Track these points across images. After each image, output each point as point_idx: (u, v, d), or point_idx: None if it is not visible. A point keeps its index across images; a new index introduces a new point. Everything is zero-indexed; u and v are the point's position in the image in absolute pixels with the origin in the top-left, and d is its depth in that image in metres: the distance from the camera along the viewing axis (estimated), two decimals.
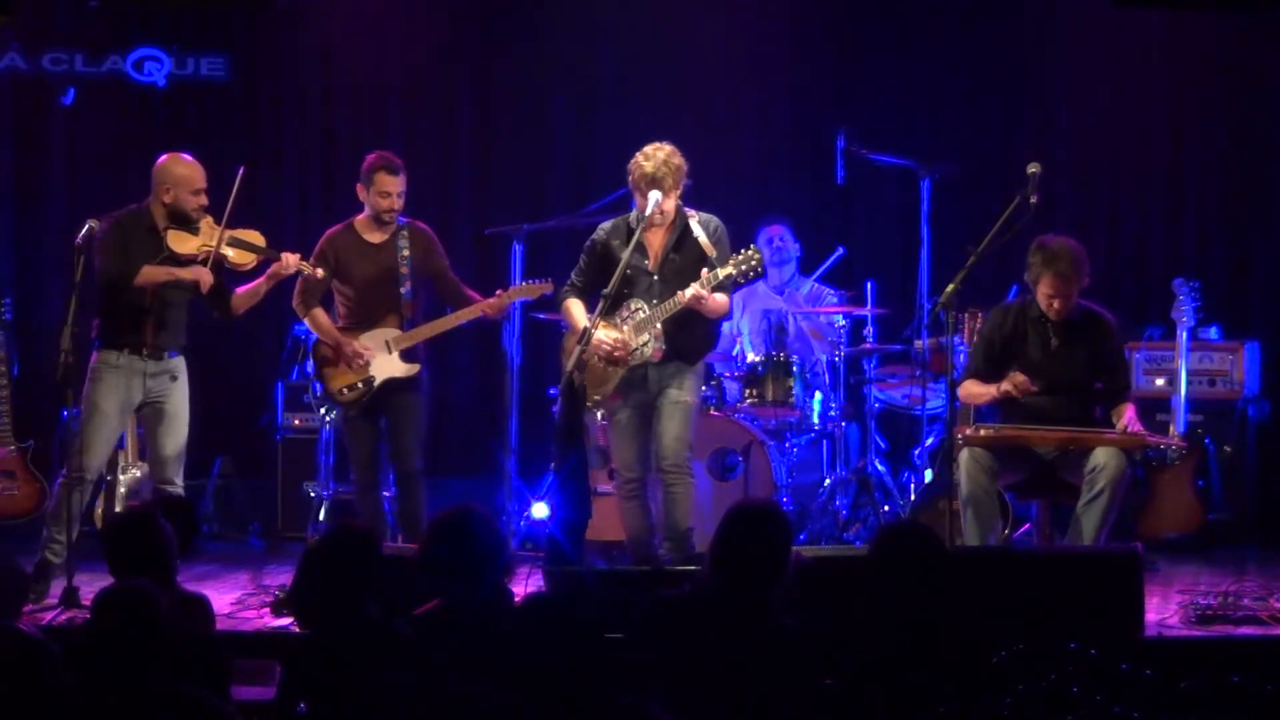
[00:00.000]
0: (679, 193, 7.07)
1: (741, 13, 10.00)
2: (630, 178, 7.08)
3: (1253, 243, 9.59)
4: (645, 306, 7.08)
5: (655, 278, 7.09)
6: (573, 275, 7.29)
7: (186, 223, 7.29)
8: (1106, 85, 9.72)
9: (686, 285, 6.97)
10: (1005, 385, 7.11)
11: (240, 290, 7.44)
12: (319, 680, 4.75)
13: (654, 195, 6.98)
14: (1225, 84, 9.63)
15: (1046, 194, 7.40)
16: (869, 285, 8.82)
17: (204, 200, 7.31)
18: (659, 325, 7.03)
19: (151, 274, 7.24)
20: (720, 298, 7.05)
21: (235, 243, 7.32)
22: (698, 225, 7.10)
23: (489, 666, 4.35)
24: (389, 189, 7.62)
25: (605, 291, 7.00)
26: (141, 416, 7.47)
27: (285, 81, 10.23)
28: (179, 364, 7.41)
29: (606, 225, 7.25)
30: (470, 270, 9.71)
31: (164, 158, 7.41)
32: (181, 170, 7.32)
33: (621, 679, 4.10)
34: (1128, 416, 7.06)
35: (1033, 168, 7.12)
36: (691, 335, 7.14)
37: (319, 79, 10.24)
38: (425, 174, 9.95)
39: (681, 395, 7.10)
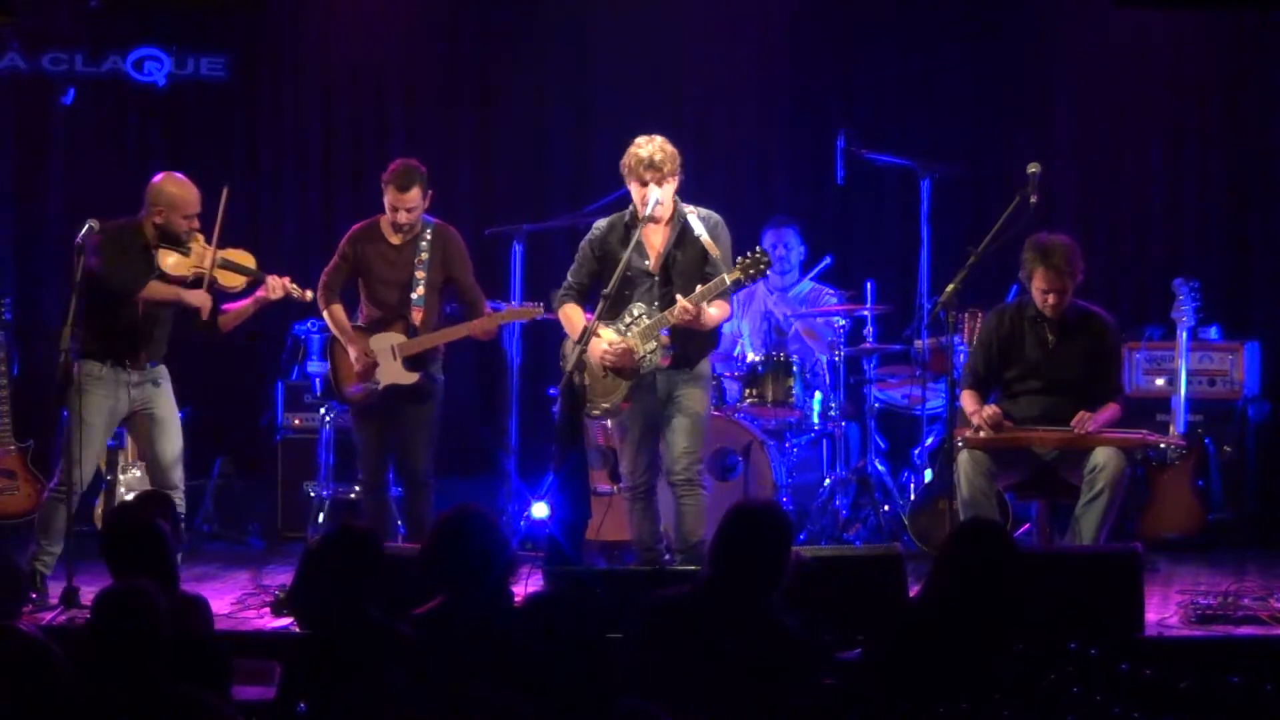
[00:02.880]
0: (676, 183, 6.81)
1: (741, 12, 9.99)
2: (625, 168, 6.82)
3: (1253, 243, 9.58)
4: (648, 312, 6.81)
5: (656, 279, 6.84)
6: (569, 277, 7.03)
7: (176, 243, 7.26)
8: (1106, 85, 9.71)
9: (688, 285, 6.71)
10: (978, 419, 7.03)
11: (228, 309, 7.41)
12: (319, 680, 4.75)
13: (653, 193, 6.75)
14: (1225, 84, 9.61)
15: (1046, 194, 7.40)
16: (869, 285, 8.82)
17: (195, 224, 7.27)
18: (664, 332, 6.76)
19: (158, 290, 7.22)
20: (718, 307, 6.77)
21: (226, 264, 7.29)
22: (697, 221, 6.82)
23: (489, 667, 4.35)
24: (396, 204, 7.56)
25: (605, 292, 6.82)
26: (133, 426, 7.39)
27: (285, 81, 10.23)
28: (161, 371, 7.39)
29: (602, 223, 6.99)
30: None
31: (159, 177, 7.34)
32: (175, 191, 7.25)
33: (621, 679, 4.09)
34: (1089, 417, 6.96)
35: (1033, 168, 7.12)
36: (697, 337, 6.87)
37: (319, 79, 10.23)
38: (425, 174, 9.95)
39: (692, 406, 6.85)
